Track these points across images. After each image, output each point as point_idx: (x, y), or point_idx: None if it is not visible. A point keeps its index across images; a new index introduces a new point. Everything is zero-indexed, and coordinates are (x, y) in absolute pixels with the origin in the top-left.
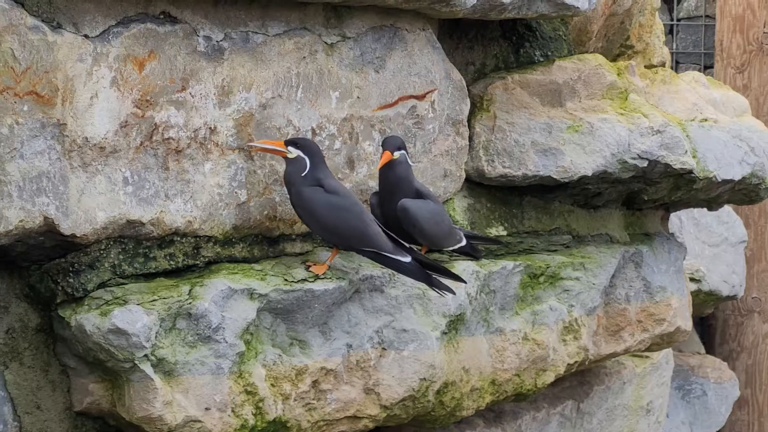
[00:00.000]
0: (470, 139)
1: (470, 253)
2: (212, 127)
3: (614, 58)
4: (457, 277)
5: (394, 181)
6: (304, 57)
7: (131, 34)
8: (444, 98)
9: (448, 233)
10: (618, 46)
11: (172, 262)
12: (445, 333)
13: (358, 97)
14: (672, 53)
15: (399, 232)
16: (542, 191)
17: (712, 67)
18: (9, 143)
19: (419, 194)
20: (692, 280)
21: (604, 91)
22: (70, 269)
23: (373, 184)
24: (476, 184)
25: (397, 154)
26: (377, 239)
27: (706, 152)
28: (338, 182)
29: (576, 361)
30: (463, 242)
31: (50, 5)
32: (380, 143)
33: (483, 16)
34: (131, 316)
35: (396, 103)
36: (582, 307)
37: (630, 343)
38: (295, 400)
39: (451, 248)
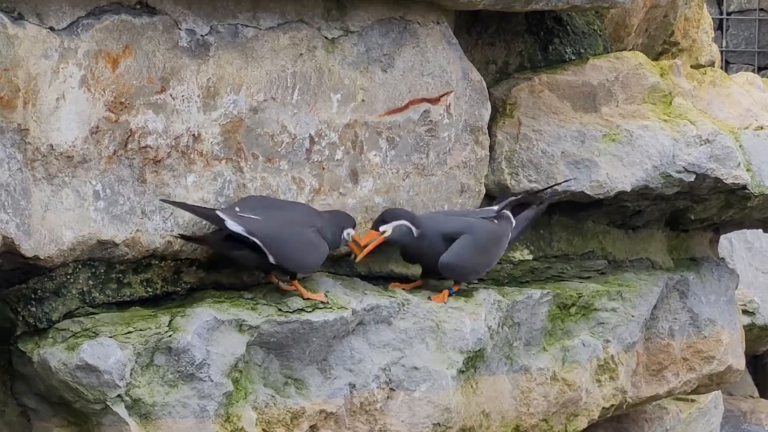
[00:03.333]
0: (491, 149)
1: (527, 224)
2: (196, 134)
3: (656, 57)
4: None
5: (411, 253)
6: (301, 54)
7: (103, 27)
8: (461, 102)
9: (499, 245)
10: (661, 43)
11: (149, 289)
12: (462, 371)
13: (362, 101)
14: (721, 51)
15: None
16: (574, 209)
17: (767, 68)
18: None
19: (448, 238)
20: (745, 312)
21: (645, 95)
22: (33, 296)
23: (380, 200)
24: None
25: (387, 229)
26: None
27: (762, 165)
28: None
29: (612, 405)
30: (513, 224)
31: None
32: (389, 153)
33: (506, 7)
34: (103, 351)
35: (406, 107)
36: (619, 343)
37: (674, 385)
38: None
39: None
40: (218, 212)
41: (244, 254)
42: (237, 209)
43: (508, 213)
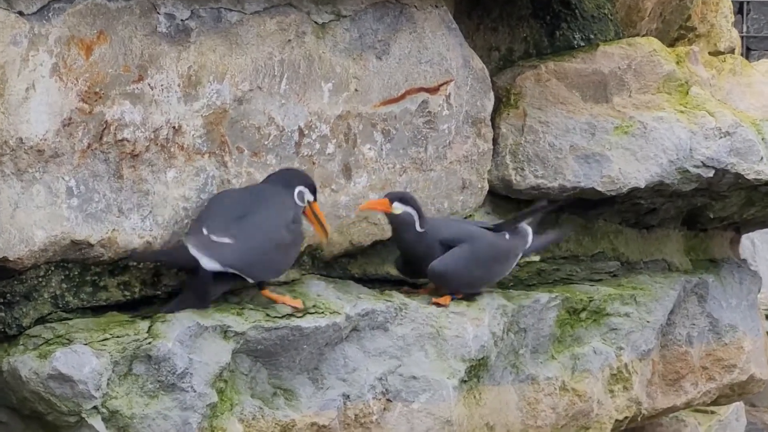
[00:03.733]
0: (494, 142)
1: (544, 245)
2: (176, 126)
3: (672, 43)
4: None
5: (406, 247)
6: (290, 40)
7: (76, 11)
8: (462, 91)
9: (503, 259)
10: (676, 28)
11: (126, 293)
12: (465, 381)
13: (356, 90)
14: (742, 37)
15: None
16: (583, 207)
17: None
18: None
19: (446, 244)
20: None
21: (660, 84)
22: (1, 300)
23: (375, 197)
24: (502, 198)
25: (398, 208)
26: None
27: None
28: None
29: (626, 417)
30: (528, 241)
31: None
32: (384, 146)
33: None
34: (77, 359)
35: (403, 97)
36: (633, 350)
37: (692, 395)
38: None
39: (513, 267)
40: (190, 248)
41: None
42: (204, 230)
43: (528, 229)
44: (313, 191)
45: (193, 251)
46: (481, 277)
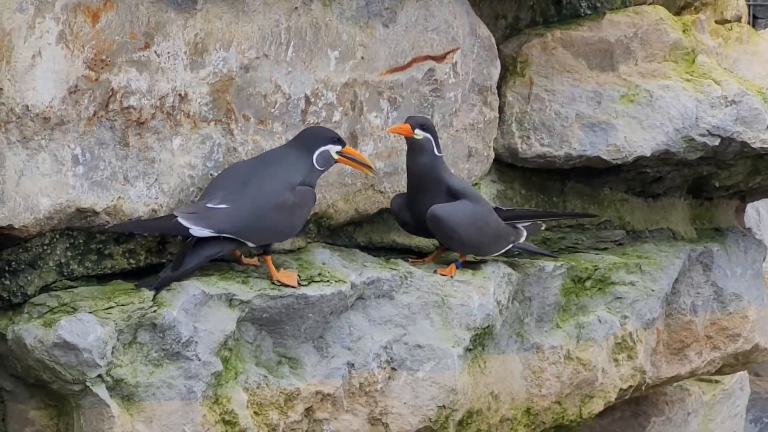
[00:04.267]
0: (500, 110)
1: (529, 250)
2: (182, 93)
3: (678, 11)
4: None
5: (418, 175)
6: (296, 7)
7: None
8: (468, 59)
9: (495, 237)
10: None
11: (132, 261)
12: (470, 350)
13: (362, 58)
14: (748, 5)
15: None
16: (589, 175)
17: None
18: None
19: (453, 192)
20: None
21: (667, 52)
22: (7, 269)
23: (381, 165)
24: (508, 166)
25: (419, 134)
26: None
27: None
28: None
29: (630, 386)
30: (521, 237)
31: None
32: (390, 114)
33: None
34: (82, 327)
35: (409, 65)
36: (638, 319)
37: (697, 364)
38: (284, 431)
39: (501, 251)
40: (179, 217)
41: (221, 248)
42: (204, 200)
43: (524, 231)
44: (339, 142)
45: (182, 220)
46: (471, 240)
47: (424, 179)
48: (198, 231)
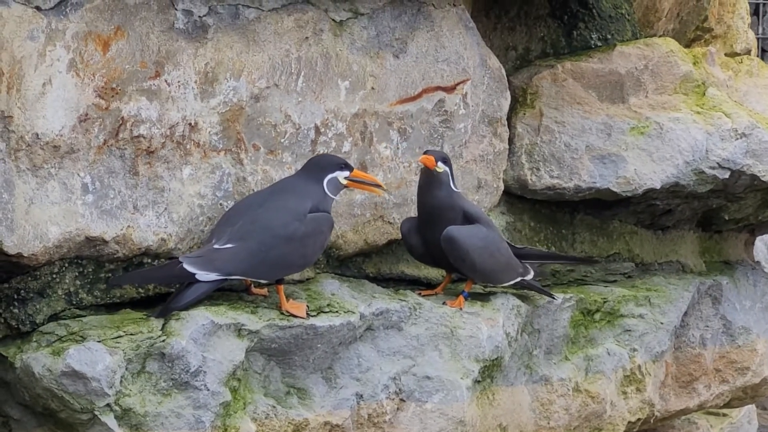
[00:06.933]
0: (510, 141)
1: (535, 287)
2: (192, 122)
3: (689, 44)
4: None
5: (434, 207)
6: (307, 37)
7: (94, 7)
8: (479, 91)
9: (505, 266)
10: (693, 29)
11: (140, 290)
12: (478, 381)
13: (372, 88)
14: (758, 38)
15: (446, 265)
16: (599, 207)
17: None
18: None
19: (468, 217)
20: None
21: (677, 84)
22: (15, 297)
23: (390, 196)
24: (517, 198)
25: (440, 167)
26: None
27: None
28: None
29: (639, 419)
30: (529, 274)
31: None
32: (400, 145)
33: None
34: (90, 356)
35: (419, 95)
36: (647, 352)
37: (705, 397)
38: None
39: (510, 283)
40: (185, 263)
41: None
42: (213, 240)
43: (531, 271)
44: (347, 167)
45: (188, 266)
46: (483, 264)
47: (439, 211)
48: (204, 276)
